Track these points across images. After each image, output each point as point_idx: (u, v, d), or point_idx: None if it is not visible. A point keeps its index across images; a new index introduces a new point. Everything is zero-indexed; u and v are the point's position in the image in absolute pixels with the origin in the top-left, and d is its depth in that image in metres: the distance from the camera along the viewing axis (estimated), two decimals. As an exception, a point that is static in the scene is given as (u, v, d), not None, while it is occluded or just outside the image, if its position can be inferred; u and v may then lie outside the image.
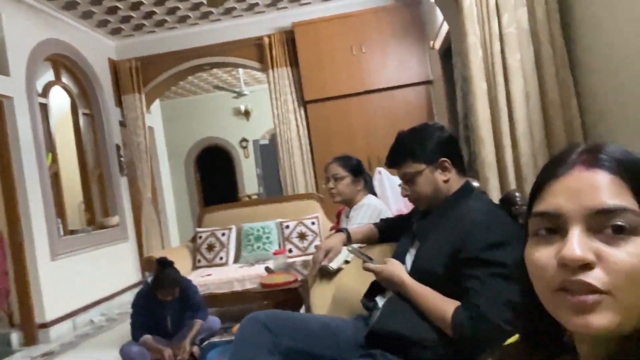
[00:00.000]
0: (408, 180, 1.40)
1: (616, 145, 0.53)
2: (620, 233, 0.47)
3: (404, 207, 2.77)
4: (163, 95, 6.88)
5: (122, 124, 5.42)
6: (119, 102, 5.41)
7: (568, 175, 0.51)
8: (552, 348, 0.60)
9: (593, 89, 1.65)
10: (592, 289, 0.46)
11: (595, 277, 0.47)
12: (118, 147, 5.30)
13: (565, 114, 1.69)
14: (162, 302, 2.94)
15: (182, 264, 3.90)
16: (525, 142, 1.67)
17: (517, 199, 1.35)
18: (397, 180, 2.83)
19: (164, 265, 2.94)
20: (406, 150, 1.41)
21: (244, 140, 8.70)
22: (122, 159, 5.32)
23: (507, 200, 1.39)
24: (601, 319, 0.47)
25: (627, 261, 0.46)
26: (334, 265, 1.69)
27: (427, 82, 4.80)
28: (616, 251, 0.47)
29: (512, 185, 1.69)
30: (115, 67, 5.40)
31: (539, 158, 1.67)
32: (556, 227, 0.51)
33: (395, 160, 1.44)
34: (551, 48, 1.66)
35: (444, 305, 1.21)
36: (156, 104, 6.77)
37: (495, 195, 1.64)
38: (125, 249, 5.18)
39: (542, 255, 0.51)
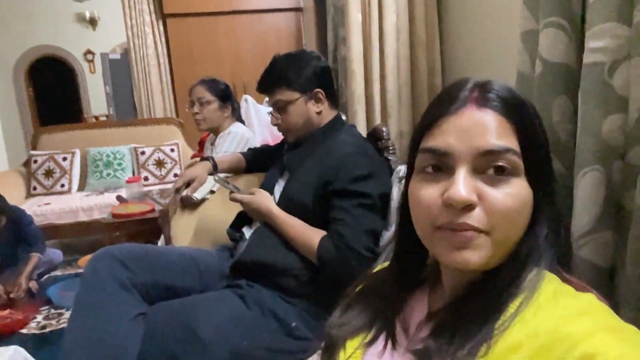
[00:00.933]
0: (280, 108, 1.34)
1: (503, 84, 0.53)
2: (501, 174, 0.49)
3: (269, 137, 2.72)
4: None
5: None
6: None
7: (460, 114, 0.51)
8: (417, 276, 0.63)
9: (455, 31, 1.74)
10: (473, 228, 0.49)
11: (476, 218, 0.49)
12: None
13: (429, 54, 1.77)
14: (-16, 234, 2.55)
15: (13, 191, 3.40)
16: (392, 78, 1.72)
17: (384, 133, 1.40)
18: (264, 109, 2.77)
19: None
20: (281, 76, 1.34)
21: (90, 52, 7.61)
22: None
23: (374, 134, 1.43)
24: (476, 256, 0.49)
25: (505, 201, 0.48)
26: (198, 195, 1.59)
27: (298, 9, 4.65)
28: (495, 192, 0.49)
29: (378, 119, 1.75)
30: None
31: (403, 94, 1.74)
32: (443, 165, 0.52)
33: (268, 85, 1.36)
34: (422, -14, 1.69)
35: (311, 235, 1.22)
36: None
37: (361, 129, 1.68)
38: None
39: (427, 193, 0.52)
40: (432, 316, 0.56)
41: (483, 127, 0.50)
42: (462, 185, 0.48)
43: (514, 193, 0.49)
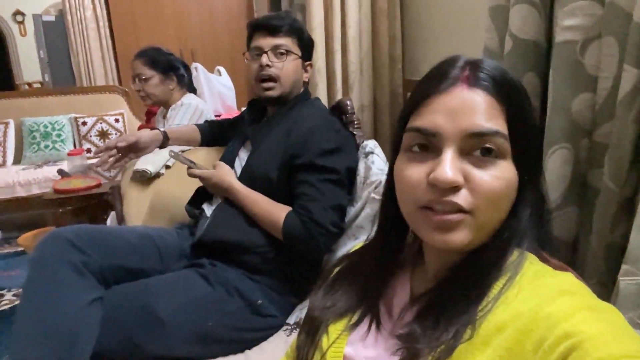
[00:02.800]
0: (281, 54, 1.29)
1: (493, 63, 0.52)
2: (488, 156, 0.49)
3: (221, 107, 2.63)
4: None
5: None
6: None
7: (449, 93, 0.50)
8: (399, 255, 0.62)
9: (415, 1, 1.72)
10: (457, 208, 0.48)
11: (462, 198, 0.48)
12: None
13: (390, 25, 1.75)
14: None
15: (-62, 166, 3.11)
16: (354, 49, 1.68)
17: (349, 107, 1.37)
18: (215, 77, 2.66)
19: None
20: (294, 28, 1.31)
21: (19, 13, 6.97)
22: None
23: (339, 108, 1.40)
24: (459, 236, 0.49)
25: (491, 183, 0.48)
26: (151, 168, 1.51)
27: (248, -27, 4.46)
28: (482, 173, 0.48)
29: (339, 92, 1.72)
30: None
31: (364, 66, 1.72)
32: (430, 145, 0.51)
33: (280, 26, 1.29)
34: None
35: (276, 211, 1.19)
36: None
37: (322, 102, 1.64)
38: None
39: (413, 173, 0.51)
40: (416, 299, 0.56)
41: (472, 108, 0.49)
42: (449, 166, 0.48)
43: (500, 175, 0.48)
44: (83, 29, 4.27)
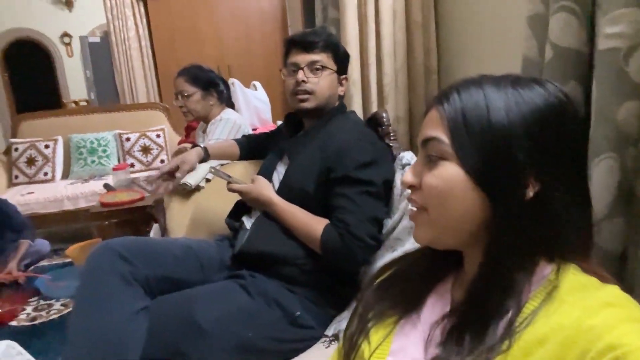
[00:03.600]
0: (316, 69, 1.32)
1: (462, 83, 0.57)
2: (433, 158, 0.56)
3: (257, 121, 2.69)
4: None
5: None
6: None
7: (429, 111, 0.59)
8: (443, 263, 0.63)
9: (451, 14, 1.71)
10: (414, 203, 0.58)
11: (417, 196, 0.58)
12: None
13: (425, 36, 1.75)
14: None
15: (-6, 181, 3.30)
16: (389, 61, 1.69)
17: (384, 119, 1.38)
18: (251, 92, 2.72)
19: None
20: (330, 43, 1.34)
21: (67, 35, 7.36)
22: None
23: (375, 120, 1.41)
24: (420, 231, 0.59)
25: (432, 181, 0.55)
26: (191, 181, 1.55)
27: (282, -11, 4.56)
28: (428, 174, 0.56)
29: (374, 104, 1.72)
30: None
31: (400, 78, 1.72)
32: None
33: (315, 42, 1.31)
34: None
35: (314, 223, 1.21)
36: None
37: (357, 114, 1.65)
38: None
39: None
40: (454, 309, 0.57)
41: (427, 121, 0.58)
42: (410, 169, 0.59)
43: (439, 174, 0.54)
44: (126, 49, 4.46)
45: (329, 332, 1.20)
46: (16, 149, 3.53)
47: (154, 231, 1.84)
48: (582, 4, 0.84)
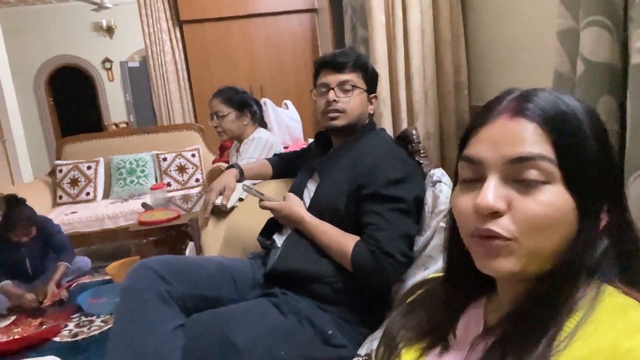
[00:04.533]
0: (347, 90, 1.34)
1: (545, 94, 0.52)
2: (532, 181, 0.49)
3: (289, 140, 2.73)
4: (1, 1, 5.68)
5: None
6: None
7: (491, 124, 0.52)
8: (473, 287, 0.62)
9: (480, 30, 1.71)
10: (497, 236, 0.49)
11: (502, 225, 0.49)
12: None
13: (454, 53, 1.75)
14: (16, 244, 2.62)
15: (40, 201, 3.47)
16: (418, 79, 1.70)
17: (414, 136, 1.38)
18: (282, 112, 2.78)
19: (12, 203, 2.60)
20: (360, 63, 1.36)
21: (108, 61, 7.73)
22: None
23: (405, 137, 1.41)
24: (507, 263, 0.50)
25: (535, 209, 0.48)
26: (227, 203, 1.59)
27: (312, 10, 4.65)
28: (527, 200, 0.48)
29: (404, 122, 1.73)
30: None
31: (429, 95, 1.72)
32: (477, 174, 0.53)
33: (346, 63, 1.34)
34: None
35: (344, 241, 1.21)
36: (-8, 11, 5.59)
37: (387, 132, 1.66)
38: (-37, 185, 4.41)
39: (462, 201, 0.53)
40: (488, 331, 0.55)
41: (513, 136, 0.50)
42: (490, 192, 0.49)
43: (546, 201, 0.48)
44: (163, 72, 4.63)
45: (362, 351, 1.19)
46: (60, 171, 3.70)
47: (190, 249, 1.88)
48: (614, 18, 0.83)
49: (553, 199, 0.48)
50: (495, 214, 0.49)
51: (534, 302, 0.51)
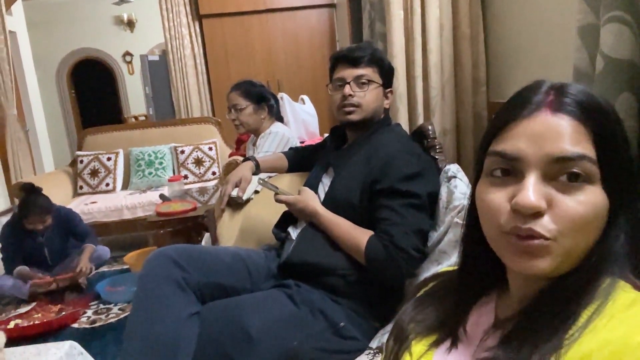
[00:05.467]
0: (362, 84, 1.34)
1: (580, 87, 0.51)
2: (575, 181, 0.47)
3: (305, 135, 2.74)
4: (25, -7, 5.80)
5: (-27, 24, 4.49)
6: (-33, -3, 4.44)
7: (533, 119, 0.50)
8: (485, 281, 0.62)
9: (500, 25, 1.69)
10: (539, 236, 0.47)
11: (544, 225, 0.47)
12: (-31, 53, 4.42)
13: (473, 48, 1.73)
14: (33, 232, 2.69)
15: (61, 191, 3.55)
16: (435, 74, 1.69)
17: (430, 132, 1.38)
18: (299, 106, 2.79)
19: (29, 192, 2.68)
20: (375, 58, 1.36)
21: (128, 54, 7.84)
22: (-24, 67, 4.46)
23: (420, 132, 1.41)
24: (543, 263, 0.48)
25: (577, 209, 0.47)
26: (243, 195, 1.61)
27: (331, 5, 4.65)
28: (568, 199, 0.47)
29: (421, 117, 1.72)
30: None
31: (447, 91, 1.71)
32: (512, 170, 0.51)
33: (361, 57, 1.34)
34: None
35: (358, 235, 1.22)
36: (18, 4, 5.71)
37: (404, 128, 1.66)
38: (-12, 173, 4.53)
39: (495, 197, 0.51)
40: (500, 324, 0.56)
41: (557, 133, 0.48)
42: (532, 191, 0.47)
43: (587, 201, 0.47)
44: (182, 66, 4.68)
45: (373, 344, 1.20)
46: (81, 161, 3.77)
47: (205, 240, 1.91)
48: (635, 14, 0.82)
49: (593, 198, 0.47)
50: (537, 214, 0.47)
51: (549, 296, 0.51)
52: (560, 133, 0.48)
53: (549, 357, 0.45)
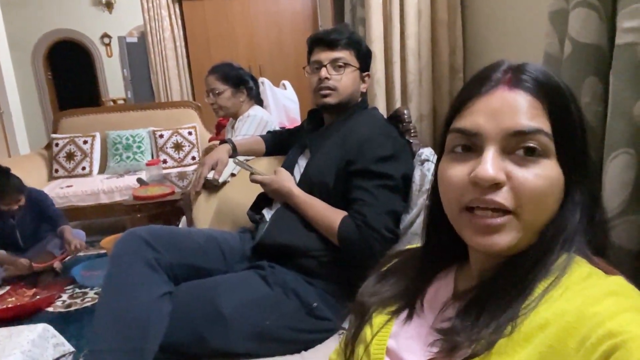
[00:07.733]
0: (339, 67, 1.34)
1: (537, 66, 0.53)
2: (531, 155, 0.49)
3: (286, 120, 2.72)
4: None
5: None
6: None
7: (491, 95, 0.51)
8: (446, 256, 0.64)
9: (478, 11, 1.70)
10: (499, 208, 0.49)
11: (503, 196, 0.49)
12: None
13: (450, 35, 1.74)
14: (5, 214, 2.63)
15: (35, 174, 3.48)
16: (413, 60, 1.70)
17: (405, 116, 1.39)
18: (280, 92, 2.77)
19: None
20: (352, 41, 1.36)
21: (106, 36, 7.65)
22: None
23: (396, 117, 1.42)
24: (504, 238, 0.50)
25: (534, 181, 0.48)
26: (219, 178, 1.60)
27: (314, -9, 4.60)
28: (525, 172, 0.49)
29: (398, 102, 1.73)
30: None
31: (424, 77, 1.72)
32: (472, 145, 0.52)
33: (338, 40, 1.34)
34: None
35: (332, 215, 1.23)
36: (-11, -19, 5.51)
37: (382, 113, 1.66)
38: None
39: (455, 172, 0.52)
40: (458, 296, 0.57)
41: (513, 108, 0.50)
42: (490, 164, 0.48)
43: (543, 174, 0.49)
44: (162, 49, 4.60)
45: (346, 324, 1.22)
46: (57, 144, 3.69)
47: (182, 223, 1.90)
48: (602, -1, 0.83)
49: (549, 172, 0.49)
50: (495, 186, 0.48)
51: (507, 269, 0.52)
52: (517, 108, 0.50)
53: (506, 326, 0.47)
